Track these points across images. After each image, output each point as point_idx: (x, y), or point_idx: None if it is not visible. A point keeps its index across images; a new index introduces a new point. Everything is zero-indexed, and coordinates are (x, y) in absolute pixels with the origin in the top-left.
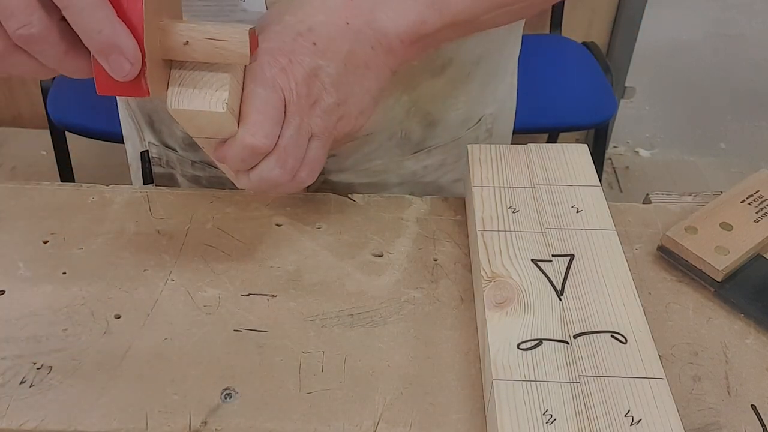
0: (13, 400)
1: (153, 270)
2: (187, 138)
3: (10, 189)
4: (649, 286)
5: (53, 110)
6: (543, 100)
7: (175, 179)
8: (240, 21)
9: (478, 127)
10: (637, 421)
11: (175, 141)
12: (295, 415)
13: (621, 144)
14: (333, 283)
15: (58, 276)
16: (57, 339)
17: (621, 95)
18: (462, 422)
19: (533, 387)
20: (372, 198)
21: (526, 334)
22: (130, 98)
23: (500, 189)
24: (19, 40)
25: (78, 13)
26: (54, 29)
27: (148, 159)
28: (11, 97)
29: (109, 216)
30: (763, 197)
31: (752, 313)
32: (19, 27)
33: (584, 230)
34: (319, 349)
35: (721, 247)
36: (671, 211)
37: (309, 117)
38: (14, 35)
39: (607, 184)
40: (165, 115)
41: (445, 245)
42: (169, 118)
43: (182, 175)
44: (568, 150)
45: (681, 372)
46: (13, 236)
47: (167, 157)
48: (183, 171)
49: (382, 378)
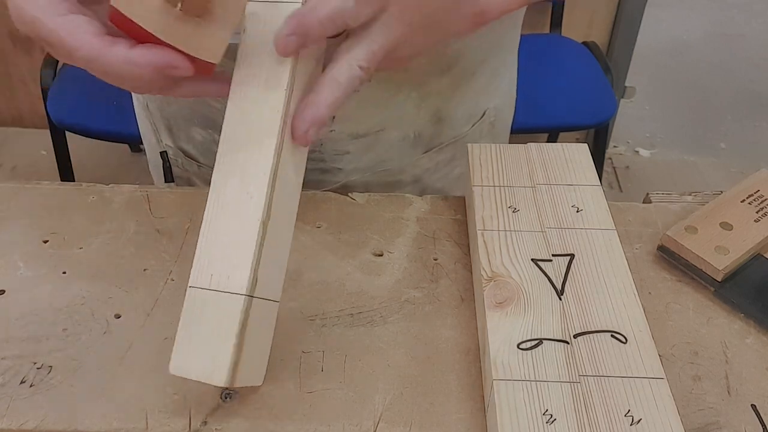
0: (13, 400)
1: (153, 270)
2: (206, 143)
3: (10, 189)
4: (649, 286)
5: (53, 110)
6: (543, 100)
7: (192, 182)
8: None
9: (482, 122)
10: (637, 420)
11: (193, 146)
12: (295, 415)
13: (621, 144)
14: (333, 283)
15: (58, 276)
16: (57, 339)
17: (621, 95)
18: (462, 422)
19: (533, 387)
20: (372, 197)
21: (526, 334)
22: (149, 101)
23: (500, 188)
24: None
25: (110, 75)
26: (153, 81)
27: (167, 159)
28: (11, 97)
29: (109, 216)
30: (763, 197)
31: (752, 313)
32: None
33: (584, 230)
34: (319, 349)
35: (721, 246)
36: (671, 211)
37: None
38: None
39: (607, 184)
40: (182, 122)
41: (446, 244)
42: (186, 124)
43: (200, 179)
44: (568, 149)
45: (681, 372)
46: (13, 236)
47: (183, 161)
48: (200, 176)
49: (382, 378)
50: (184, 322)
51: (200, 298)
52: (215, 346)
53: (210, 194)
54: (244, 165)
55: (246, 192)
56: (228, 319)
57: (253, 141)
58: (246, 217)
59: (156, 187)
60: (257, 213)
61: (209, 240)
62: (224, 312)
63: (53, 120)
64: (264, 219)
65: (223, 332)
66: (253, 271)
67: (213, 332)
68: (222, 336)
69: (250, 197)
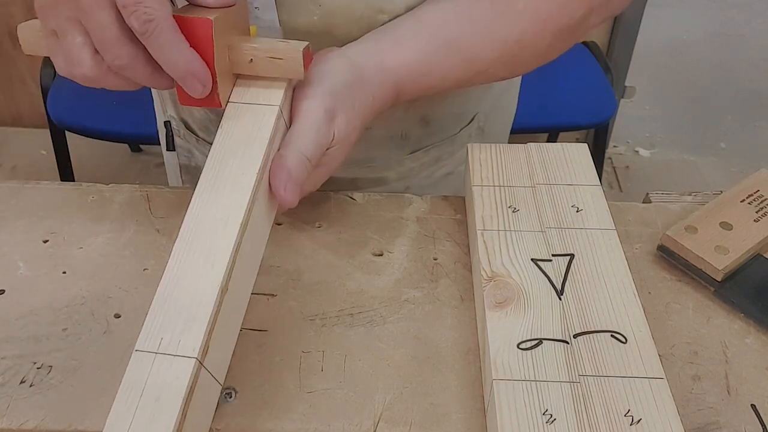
0: (13, 400)
1: (153, 270)
2: (204, 120)
3: (10, 188)
4: (649, 285)
5: (53, 110)
6: (543, 100)
7: (192, 152)
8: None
9: (470, 126)
10: (637, 420)
11: (193, 121)
12: (295, 415)
13: (621, 144)
14: (333, 283)
15: (58, 276)
16: (57, 339)
17: (621, 95)
18: (462, 422)
19: (533, 387)
20: (372, 197)
21: (526, 334)
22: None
23: (500, 188)
24: (112, 68)
25: (158, 48)
26: (140, 58)
27: (170, 128)
28: (11, 97)
29: (108, 215)
30: (763, 197)
31: (752, 313)
32: (111, 60)
33: (584, 230)
34: (319, 349)
35: (721, 246)
36: (671, 211)
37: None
38: (109, 65)
39: (607, 184)
40: None
41: (445, 244)
42: None
43: (198, 151)
44: (568, 149)
45: (681, 372)
46: (13, 236)
47: (184, 132)
48: (199, 149)
49: (382, 378)
50: (126, 386)
51: (146, 361)
52: (158, 413)
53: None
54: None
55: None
56: (176, 383)
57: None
58: (205, 285)
59: (156, 186)
60: (216, 280)
61: (161, 306)
62: (172, 376)
63: (53, 120)
64: (223, 287)
65: (168, 398)
66: (205, 338)
67: (157, 397)
68: (167, 402)
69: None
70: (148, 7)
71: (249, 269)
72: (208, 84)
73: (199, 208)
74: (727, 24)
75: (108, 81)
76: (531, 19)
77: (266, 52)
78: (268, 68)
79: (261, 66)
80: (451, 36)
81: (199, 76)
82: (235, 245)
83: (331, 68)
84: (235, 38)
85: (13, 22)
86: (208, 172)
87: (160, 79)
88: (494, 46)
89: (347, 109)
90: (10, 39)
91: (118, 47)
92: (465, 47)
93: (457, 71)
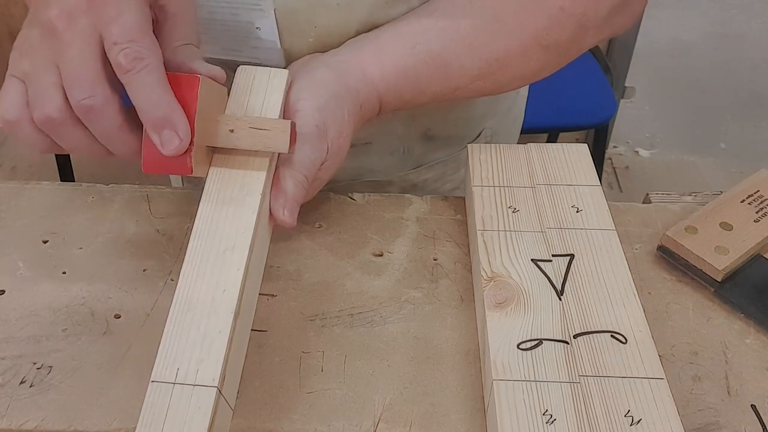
0: (13, 400)
1: (153, 270)
2: None
3: (10, 189)
4: (649, 286)
5: None
6: (543, 100)
7: None
8: (255, 48)
9: (477, 141)
10: (637, 421)
11: None
12: (295, 415)
13: (621, 144)
14: (333, 283)
15: (58, 276)
16: (57, 339)
17: (621, 95)
18: (462, 422)
19: (533, 387)
20: (372, 197)
21: (526, 334)
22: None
23: (500, 189)
24: (80, 110)
25: (141, 87)
26: (114, 103)
27: None
28: None
29: (108, 216)
30: (763, 197)
31: (752, 313)
32: (83, 97)
33: (584, 230)
34: (319, 349)
35: (721, 247)
36: (671, 211)
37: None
38: (77, 105)
39: (607, 184)
40: None
41: (445, 245)
42: None
43: None
44: (568, 150)
45: (681, 372)
46: (13, 236)
47: None
48: None
49: (382, 378)
50: (146, 419)
51: (165, 392)
52: None
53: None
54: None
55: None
56: (198, 414)
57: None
58: (219, 311)
59: (156, 187)
60: (231, 306)
61: (174, 335)
62: (194, 406)
63: None
64: (236, 312)
65: (192, 429)
66: (224, 365)
67: (180, 430)
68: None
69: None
70: (140, 47)
71: (254, 288)
72: (185, 139)
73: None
74: (727, 24)
75: (64, 131)
76: (515, 37)
77: (249, 122)
78: (252, 141)
79: (243, 137)
80: (432, 50)
81: (178, 126)
82: (245, 269)
83: (319, 79)
84: (214, 112)
85: (13, 22)
86: (209, 192)
87: (126, 135)
88: (475, 64)
89: (338, 121)
90: (10, 39)
91: (95, 85)
92: (444, 63)
93: (435, 86)
